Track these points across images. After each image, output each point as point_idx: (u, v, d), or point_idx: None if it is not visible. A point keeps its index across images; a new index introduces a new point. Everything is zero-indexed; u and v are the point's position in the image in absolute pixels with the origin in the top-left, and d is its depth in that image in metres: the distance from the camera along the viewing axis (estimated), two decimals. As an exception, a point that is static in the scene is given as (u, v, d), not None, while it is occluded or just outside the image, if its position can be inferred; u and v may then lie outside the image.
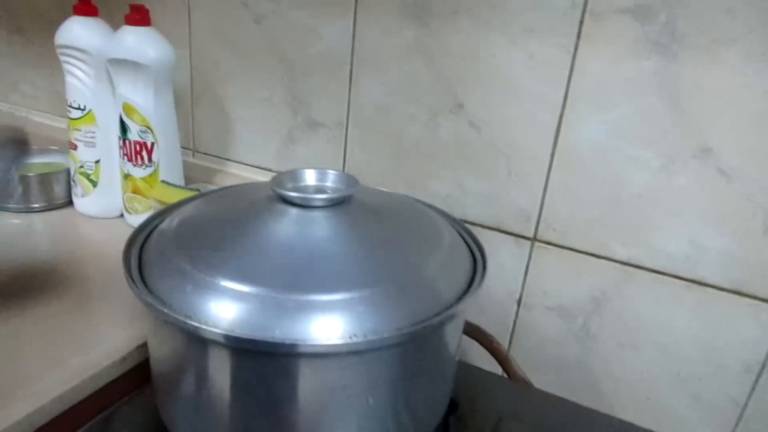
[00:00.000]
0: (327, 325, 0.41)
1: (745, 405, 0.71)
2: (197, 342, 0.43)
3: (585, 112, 0.69)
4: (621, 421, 0.64)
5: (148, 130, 0.84)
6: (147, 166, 0.86)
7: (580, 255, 0.74)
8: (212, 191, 0.66)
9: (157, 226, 0.57)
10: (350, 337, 0.40)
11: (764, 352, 0.68)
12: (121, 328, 0.66)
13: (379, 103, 0.80)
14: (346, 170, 0.86)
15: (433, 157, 0.79)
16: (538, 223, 0.76)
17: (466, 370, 0.70)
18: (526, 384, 0.72)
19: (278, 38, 0.86)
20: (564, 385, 0.80)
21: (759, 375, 0.69)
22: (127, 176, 0.88)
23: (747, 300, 0.67)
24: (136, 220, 0.90)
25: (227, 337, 0.41)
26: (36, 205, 0.94)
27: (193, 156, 0.97)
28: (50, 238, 0.88)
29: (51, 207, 0.95)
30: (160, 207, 0.83)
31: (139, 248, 0.53)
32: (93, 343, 0.63)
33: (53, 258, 0.82)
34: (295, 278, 0.44)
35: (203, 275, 0.44)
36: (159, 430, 0.52)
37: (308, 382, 0.42)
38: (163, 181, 0.85)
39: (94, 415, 0.60)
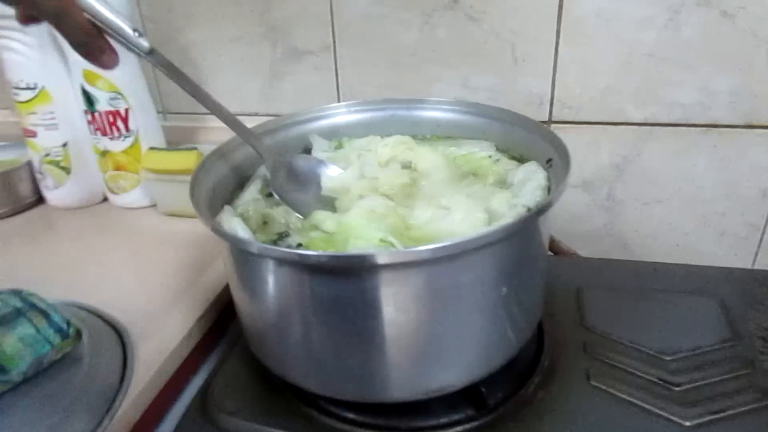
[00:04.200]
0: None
1: (765, 227, 0.77)
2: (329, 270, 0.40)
3: (586, -21, 0.68)
4: (666, 264, 0.69)
5: (119, 96, 0.76)
6: (126, 136, 0.79)
7: (598, 126, 0.76)
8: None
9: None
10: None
11: (777, 176, 0.73)
12: (173, 308, 0.62)
13: (367, 14, 0.76)
14: (341, 95, 0.82)
15: (433, 59, 0.77)
16: (551, 105, 0.76)
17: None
18: (576, 256, 0.75)
19: (234, -33, 0.78)
20: (598, 253, 0.83)
21: (774, 197, 0.75)
22: (104, 153, 0.80)
23: (757, 131, 0.72)
24: (126, 199, 0.83)
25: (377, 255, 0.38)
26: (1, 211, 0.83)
27: (165, 119, 0.89)
28: (25, 242, 0.78)
29: (19, 209, 0.85)
30: (153, 178, 0.77)
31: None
32: (153, 332, 0.58)
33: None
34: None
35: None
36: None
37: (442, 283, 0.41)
38: (152, 148, 0.78)
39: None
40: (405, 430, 0.48)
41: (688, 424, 0.46)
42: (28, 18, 0.44)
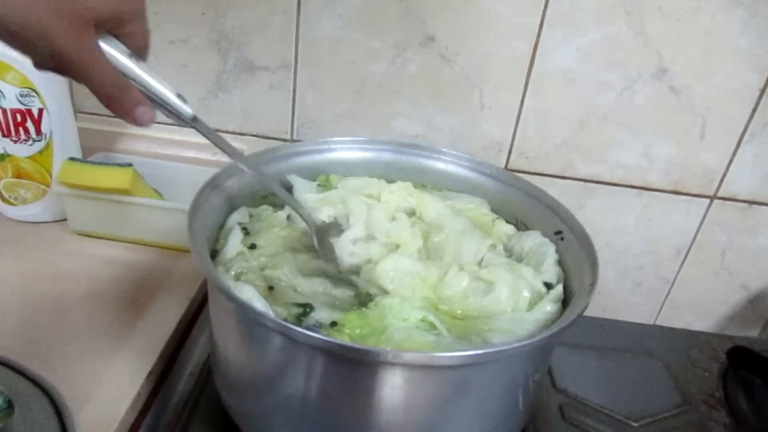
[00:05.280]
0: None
1: (673, 282, 0.85)
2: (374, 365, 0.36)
3: (559, 39, 0.70)
4: (610, 321, 0.74)
5: (33, 93, 0.63)
6: (35, 140, 0.65)
7: (548, 178, 0.78)
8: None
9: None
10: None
11: (691, 237, 0.82)
12: (112, 360, 0.53)
13: (337, 37, 0.70)
14: (295, 117, 0.75)
15: (399, 94, 0.74)
16: (509, 152, 0.77)
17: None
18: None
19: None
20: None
21: (686, 255, 0.83)
22: (2, 157, 0.66)
23: (682, 197, 0.79)
24: (24, 212, 0.69)
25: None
26: None
27: (76, 119, 0.75)
28: None
29: None
30: (70, 192, 0.65)
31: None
32: (92, 393, 0.49)
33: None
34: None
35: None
36: None
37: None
38: (72, 159, 0.65)
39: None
40: None
41: (667, 496, 0.49)
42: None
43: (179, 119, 0.43)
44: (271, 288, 0.44)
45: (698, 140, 0.75)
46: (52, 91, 0.64)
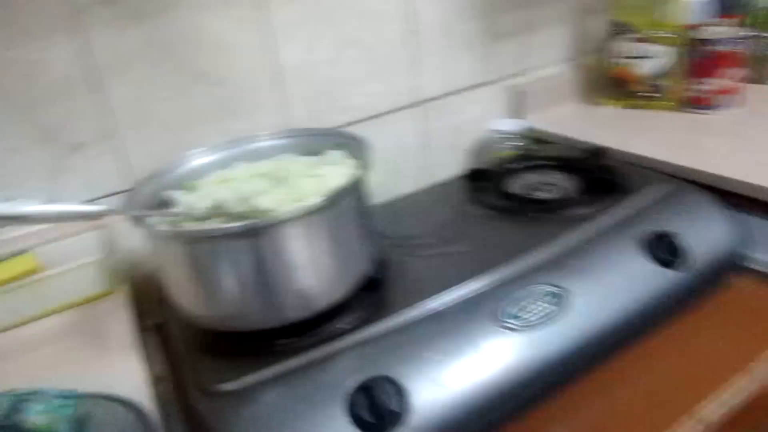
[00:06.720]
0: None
1: (432, 165, 1.25)
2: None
3: (283, 44, 1.02)
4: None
5: None
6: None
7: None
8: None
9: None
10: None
11: (427, 134, 1.22)
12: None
13: (140, 97, 0.91)
14: (133, 168, 0.94)
15: (199, 119, 0.98)
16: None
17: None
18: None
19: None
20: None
21: (430, 147, 1.23)
22: None
23: (407, 111, 1.18)
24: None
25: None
26: None
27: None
28: None
29: None
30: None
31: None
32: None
33: None
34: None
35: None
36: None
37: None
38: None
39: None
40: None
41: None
42: None
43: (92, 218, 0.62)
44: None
45: (404, 73, 1.14)
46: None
